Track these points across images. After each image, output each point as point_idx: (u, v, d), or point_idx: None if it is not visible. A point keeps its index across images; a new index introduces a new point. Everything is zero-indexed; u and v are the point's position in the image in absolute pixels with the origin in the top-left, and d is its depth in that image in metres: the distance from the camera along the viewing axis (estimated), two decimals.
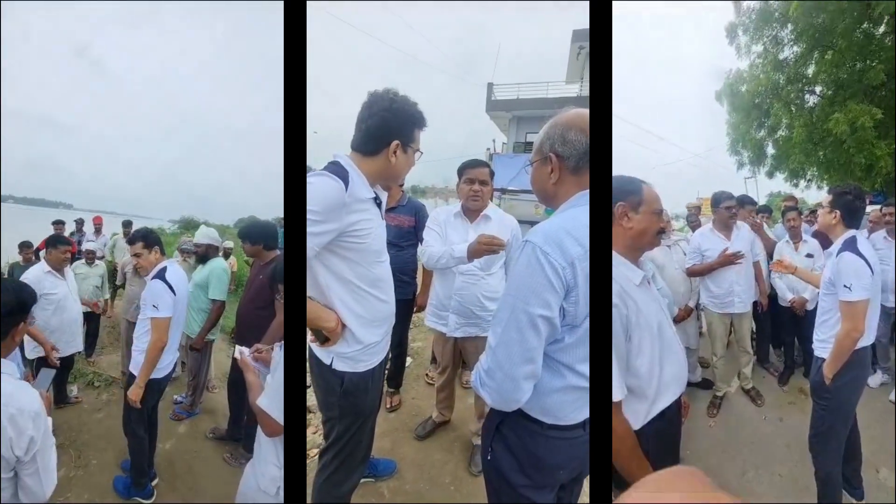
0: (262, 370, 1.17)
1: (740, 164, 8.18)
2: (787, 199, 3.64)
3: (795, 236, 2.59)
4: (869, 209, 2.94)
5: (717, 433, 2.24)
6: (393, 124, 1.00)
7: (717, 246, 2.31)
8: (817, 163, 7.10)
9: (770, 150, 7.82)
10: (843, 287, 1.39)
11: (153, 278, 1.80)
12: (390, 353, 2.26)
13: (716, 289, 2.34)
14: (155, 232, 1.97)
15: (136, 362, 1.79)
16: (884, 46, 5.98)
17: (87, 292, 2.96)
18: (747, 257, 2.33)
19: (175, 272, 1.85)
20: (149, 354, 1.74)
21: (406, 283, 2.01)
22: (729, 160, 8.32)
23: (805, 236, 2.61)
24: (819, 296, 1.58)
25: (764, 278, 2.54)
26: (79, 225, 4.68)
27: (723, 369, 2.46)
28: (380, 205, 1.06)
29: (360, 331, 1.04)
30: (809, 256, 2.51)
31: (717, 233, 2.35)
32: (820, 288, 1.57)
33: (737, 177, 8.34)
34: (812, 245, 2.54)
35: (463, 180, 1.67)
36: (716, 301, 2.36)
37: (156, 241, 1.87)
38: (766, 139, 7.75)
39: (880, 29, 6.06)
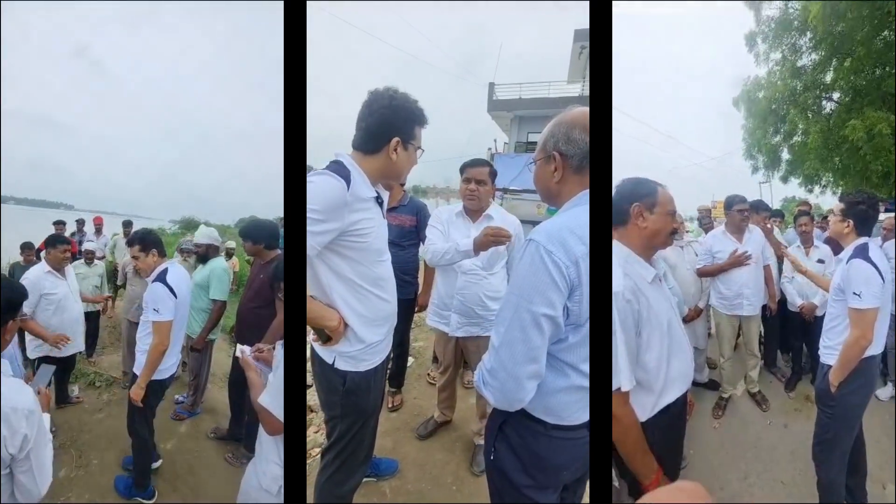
0: (263, 369, 1.17)
1: (755, 169, 8.28)
2: (801, 205, 3.66)
3: (806, 241, 2.59)
4: (884, 217, 2.89)
5: (722, 434, 2.24)
6: (393, 121, 1.00)
7: (728, 248, 2.34)
8: (833, 169, 7.09)
9: (785, 155, 7.87)
10: (853, 294, 1.38)
11: (154, 281, 1.78)
12: (392, 353, 2.26)
13: (725, 290, 2.36)
14: (154, 233, 1.94)
15: (139, 363, 1.80)
16: None
17: (86, 292, 2.97)
18: (758, 261, 2.35)
19: (176, 274, 1.83)
20: (150, 356, 1.74)
21: (408, 283, 2.01)
22: (744, 165, 8.42)
23: (817, 242, 2.61)
24: (828, 302, 1.56)
25: (774, 282, 2.55)
26: (80, 225, 4.69)
27: (730, 371, 2.48)
28: (381, 204, 1.06)
29: (362, 330, 1.04)
30: (820, 262, 2.50)
31: (729, 235, 2.38)
32: (829, 294, 1.56)
33: (751, 181, 8.51)
34: (823, 251, 2.53)
35: (462, 180, 1.67)
36: (725, 302, 2.38)
37: (154, 242, 1.83)
38: (781, 144, 7.80)
39: None
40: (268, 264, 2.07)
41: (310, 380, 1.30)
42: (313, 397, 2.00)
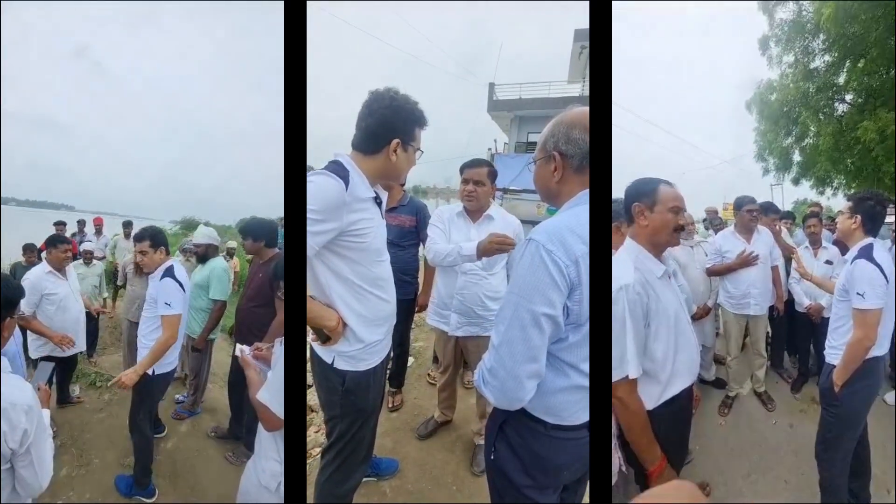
0: (262, 368, 1.17)
1: (765, 171, 8.31)
2: (813, 206, 3.70)
3: (815, 243, 2.59)
4: (893, 220, 2.87)
5: (727, 433, 2.25)
6: (393, 122, 1.00)
7: (737, 248, 2.36)
8: (845, 171, 7.03)
9: (796, 157, 7.85)
10: (857, 294, 1.38)
11: (164, 277, 1.82)
12: (392, 353, 2.26)
13: (733, 289, 2.39)
14: (163, 232, 2.00)
15: (141, 357, 1.81)
16: None
17: (85, 292, 2.96)
18: (766, 261, 2.37)
19: (181, 271, 1.88)
20: (156, 348, 1.76)
21: (407, 283, 2.01)
22: (756, 167, 8.41)
23: (825, 243, 2.60)
24: (833, 302, 1.56)
25: (782, 283, 2.56)
26: (80, 226, 4.70)
27: (736, 370, 2.49)
28: (380, 204, 1.06)
29: (361, 330, 1.04)
30: (828, 263, 2.50)
31: (738, 235, 2.40)
32: (834, 294, 1.55)
33: (762, 184, 8.50)
34: (832, 252, 2.52)
35: (461, 180, 1.67)
36: (732, 301, 2.40)
37: (163, 241, 1.90)
38: (792, 147, 7.78)
39: None
40: (267, 263, 2.08)
41: (310, 380, 1.30)
42: (313, 397, 2.00)
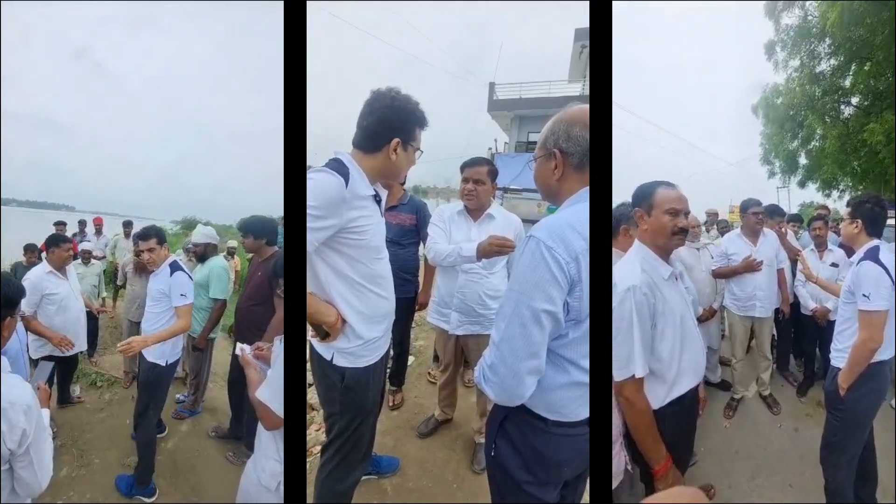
0: (262, 367, 1.18)
1: (771, 174, 8.35)
2: (820, 209, 3.67)
3: (820, 245, 2.58)
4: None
5: (732, 435, 2.24)
6: (394, 122, 1.01)
7: (743, 250, 2.38)
8: (851, 173, 7.03)
9: (802, 160, 7.86)
10: (862, 296, 1.37)
11: (174, 271, 1.91)
12: (392, 352, 2.21)
13: (739, 291, 2.40)
14: (163, 230, 2.09)
15: (153, 349, 1.88)
16: None
17: (84, 292, 2.95)
18: (771, 263, 2.38)
19: (183, 265, 1.98)
20: (171, 330, 1.85)
21: (408, 282, 2.01)
22: (762, 170, 8.44)
23: (831, 246, 2.59)
24: (839, 305, 1.55)
25: (787, 286, 2.56)
26: (81, 226, 4.68)
27: (742, 372, 2.49)
28: (379, 202, 1.07)
29: (360, 326, 1.05)
30: (834, 266, 2.49)
31: (745, 238, 2.41)
32: (840, 297, 1.54)
33: (769, 186, 8.52)
34: (837, 254, 2.52)
35: (461, 179, 1.67)
36: (738, 303, 2.42)
37: (165, 238, 2.01)
38: (798, 150, 7.80)
39: None
40: (266, 261, 2.08)
41: (310, 378, 1.30)
42: (314, 396, 2.01)
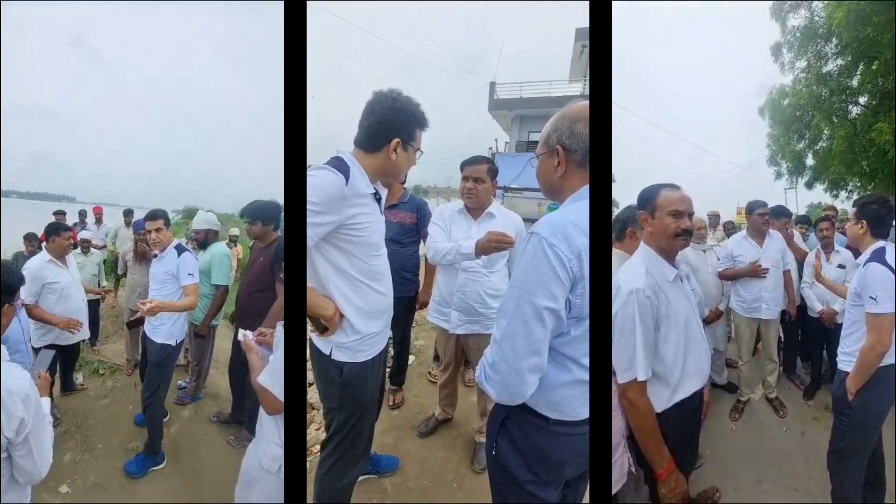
0: (265, 353, 1.18)
1: (778, 175, 8.33)
2: (827, 210, 3.63)
3: (827, 247, 2.55)
4: None
5: (737, 438, 2.22)
6: (394, 122, 1.03)
7: (749, 252, 2.37)
8: (860, 173, 6.96)
9: (809, 161, 7.82)
10: (870, 298, 1.34)
11: (181, 252, 2.00)
12: (393, 351, 2.21)
13: (745, 293, 2.39)
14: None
15: (162, 330, 1.99)
16: None
17: (84, 281, 2.90)
18: (777, 265, 2.36)
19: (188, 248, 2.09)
20: (180, 305, 1.95)
21: (408, 281, 2.01)
22: (768, 172, 8.44)
23: (838, 247, 2.56)
24: (846, 307, 1.53)
25: (794, 288, 2.53)
26: (81, 217, 4.62)
27: (748, 375, 2.47)
28: (379, 200, 1.08)
29: (358, 321, 1.06)
30: (841, 267, 2.46)
31: (751, 239, 2.40)
32: (846, 299, 1.52)
33: (776, 188, 8.52)
34: (844, 256, 2.49)
35: (461, 177, 1.67)
36: (744, 305, 2.40)
37: (170, 220, 2.11)
38: (805, 150, 7.76)
39: None
40: (268, 247, 2.06)
41: (310, 377, 1.30)
42: (314, 395, 2.01)
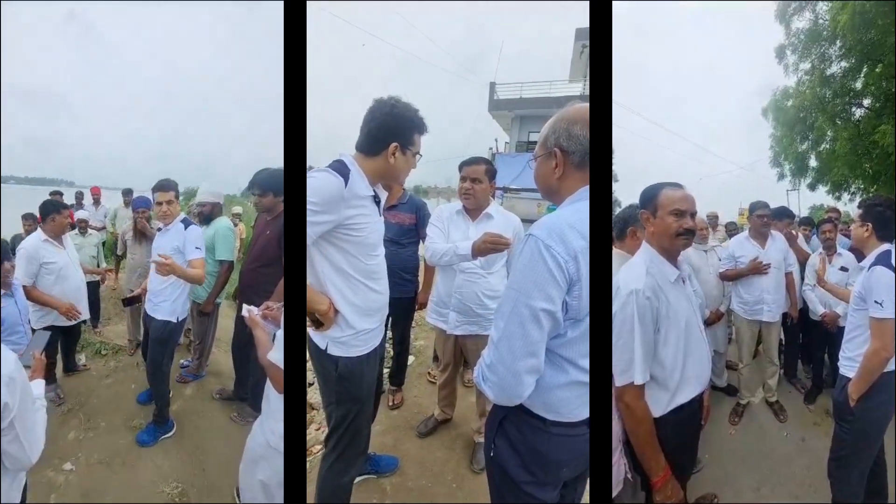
0: (270, 328, 1.17)
1: (781, 176, 8.33)
2: (830, 211, 3.61)
3: (829, 249, 2.53)
4: None
5: (737, 442, 2.21)
6: (393, 127, 1.06)
7: (750, 252, 2.36)
8: (863, 175, 6.95)
9: (812, 162, 7.82)
10: (874, 303, 1.32)
11: (188, 225, 1.97)
12: (393, 351, 2.22)
13: (746, 295, 2.37)
14: None
15: (164, 307, 1.98)
16: None
17: (82, 263, 2.79)
18: (779, 267, 2.35)
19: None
20: (188, 275, 1.91)
21: (408, 281, 2.01)
22: (771, 173, 8.42)
23: (841, 249, 2.53)
24: (848, 311, 1.50)
25: (796, 290, 2.52)
26: (78, 198, 4.46)
27: (748, 377, 2.46)
28: (378, 203, 1.12)
29: (353, 317, 1.09)
30: (844, 270, 2.43)
31: (752, 240, 2.39)
32: (849, 302, 1.50)
33: (779, 189, 8.50)
34: (847, 258, 2.46)
35: (460, 178, 1.68)
36: (745, 307, 2.39)
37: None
38: (808, 152, 7.76)
39: None
40: (275, 220, 2.01)
41: (311, 377, 1.31)
42: (314, 395, 2.02)
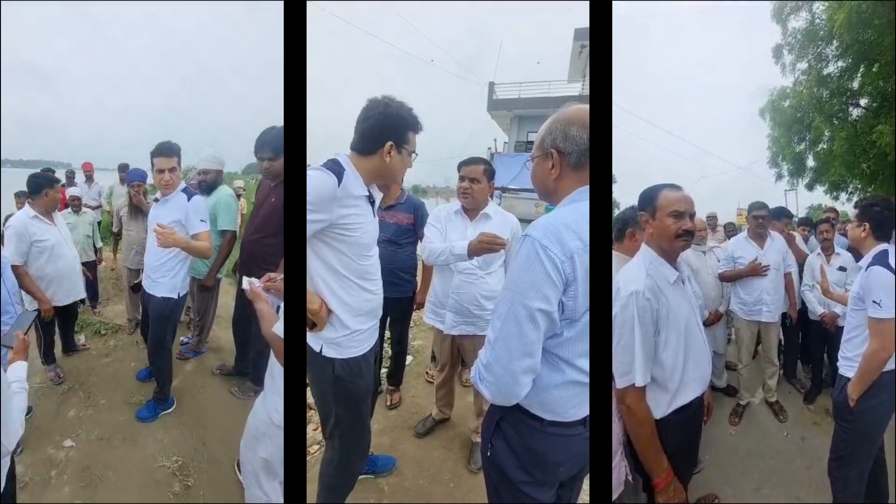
0: (274, 300, 1.15)
1: (779, 176, 8.35)
2: (828, 211, 3.61)
3: (827, 249, 2.53)
4: None
5: (737, 442, 2.21)
6: (387, 126, 1.06)
7: (749, 253, 2.37)
8: (860, 175, 6.97)
9: (810, 162, 7.85)
10: (873, 303, 1.32)
11: (191, 196, 1.85)
12: (391, 351, 2.21)
13: (745, 296, 2.38)
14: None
15: (164, 283, 1.88)
16: None
17: (78, 242, 2.67)
18: (779, 267, 2.35)
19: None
20: (193, 248, 1.79)
21: (406, 281, 2.01)
22: (769, 173, 8.46)
23: (838, 249, 2.54)
24: (847, 311, 1.50)
25: (795, 290, 2.52)
26: (69, 176, 4.23)
27: (748, 378, 2.46)
28: (373, 203, 1.11)
29: (346, 318, 1.09)
30: (842, 269, 2.44)
31: (751, 241, 2.39)
32: (848, 303, 1.50)
33: (777, 189, 8.51)
34: (845, 258, 2.47)
35: (458, 177, 1.68)
36: (744, 308, 2.39)
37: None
38: (806, 152, 7.79)
39: None
40: (279, 186, 1.87)
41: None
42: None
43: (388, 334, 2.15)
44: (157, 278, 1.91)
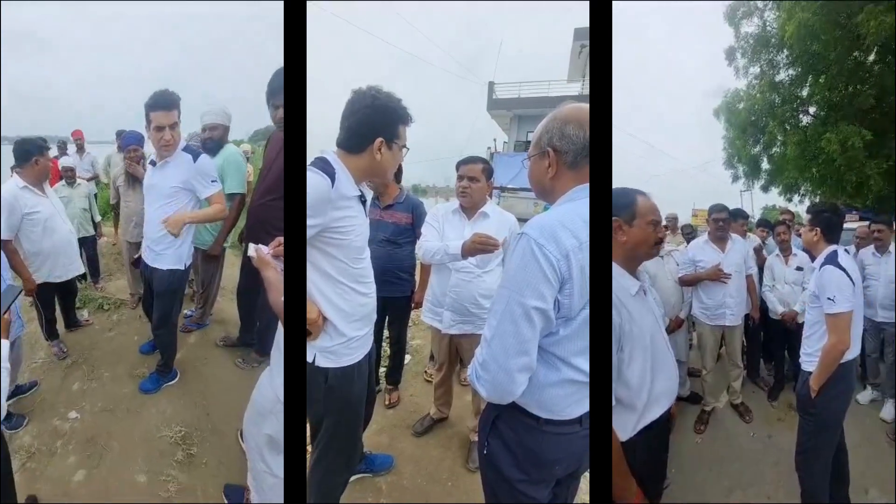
0: (282, 268, 1.04)
1: (735, 178, 8.61)
2: (783, 213, 3.72)
3: (785, 250, 2.64)
4: (856, 225, 3.04)
5: (704, 450, 2.19)
6: (376, 121, 0.99)
7: (710, 257, 2.34)
8: (811, 179, 7.37)
9: (765, 165, 8.16)
10: (827, 299, 1.41)
11: (196, 156, 1.72)
12: (389, 350, 2.22)
13: (708, 300, 2.35)
14: None
15: (169, 256, 1.79)
16: (873, 73, 6.36)
17: (74, 217, 2.56)
18: (740, 270, 2.35)
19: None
20: (205, 213, 1.70)
21: (404, 281, 2.01)
22: (725, 174, 8.71)
23: (795, 249, 2.64)
24: (805, 309, 1.61)
25: (756, 292, 2.54)
26: (61, 147, 4.07)
27: (712, 383, 2.45)
28: (364, 203, 1.07)
29: (342, 325, 1.05)
30: (799, 269, 2.55)
31: (712, 244, 2.38)
32: (806, 301, 1.62)
33: (734, 190, 8.73)
34: (802, 258, 2.54)
35: (457, 176, 1.69)
36: (707, 313, 2.37)
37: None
38: (761, 155, 8.09)
39: (870, 57, 6.42)
40: None
41: None
42: None
43: (386, 333, 2.15)
44: (160, 250, 1.79)
